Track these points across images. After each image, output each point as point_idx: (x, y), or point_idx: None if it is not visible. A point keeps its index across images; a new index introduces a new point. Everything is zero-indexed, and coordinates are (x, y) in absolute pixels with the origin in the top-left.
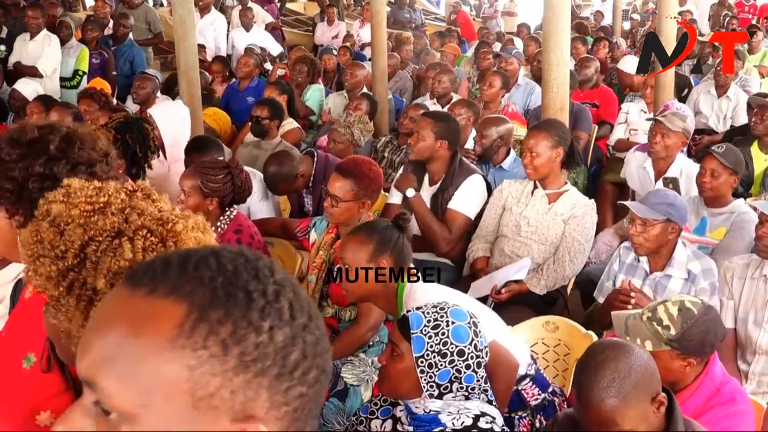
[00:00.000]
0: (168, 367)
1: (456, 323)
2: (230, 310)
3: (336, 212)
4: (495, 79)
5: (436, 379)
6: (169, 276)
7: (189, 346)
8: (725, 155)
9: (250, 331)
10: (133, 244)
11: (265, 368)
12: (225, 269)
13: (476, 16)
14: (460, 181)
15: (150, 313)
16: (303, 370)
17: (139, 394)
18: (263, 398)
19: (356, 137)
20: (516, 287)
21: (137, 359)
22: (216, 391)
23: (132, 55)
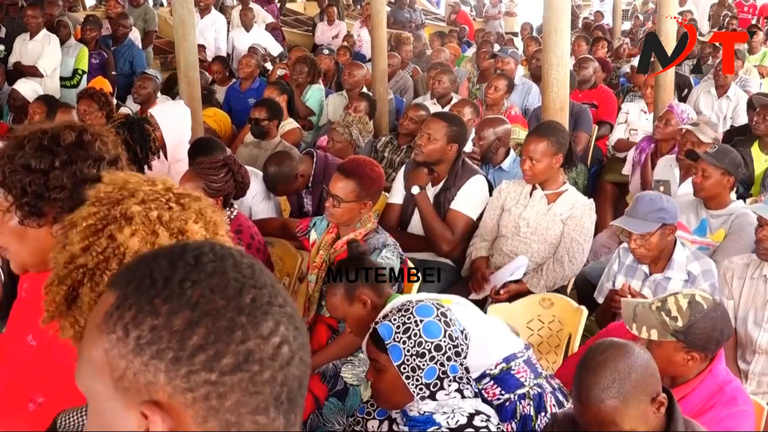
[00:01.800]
0: (94, 350)
1: (425, 320)
2: (138, 297)
3: (338, 213)
4: (500, 83)
5: (423, 380)
6: (120, 272)
7: (105, 331)
8: (715, 156)
9: (147, 315)
10: None
11: (159, 351)
12: (154, 261)
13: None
14: (462, 181)
15: (99, 303)
16: (208, 355)
17: (85, 376)
18: (161, 381)
19: (354, 137)
20: (515, 287)
21: (85, 343)
22: (123, 373)
23: (132, 55)
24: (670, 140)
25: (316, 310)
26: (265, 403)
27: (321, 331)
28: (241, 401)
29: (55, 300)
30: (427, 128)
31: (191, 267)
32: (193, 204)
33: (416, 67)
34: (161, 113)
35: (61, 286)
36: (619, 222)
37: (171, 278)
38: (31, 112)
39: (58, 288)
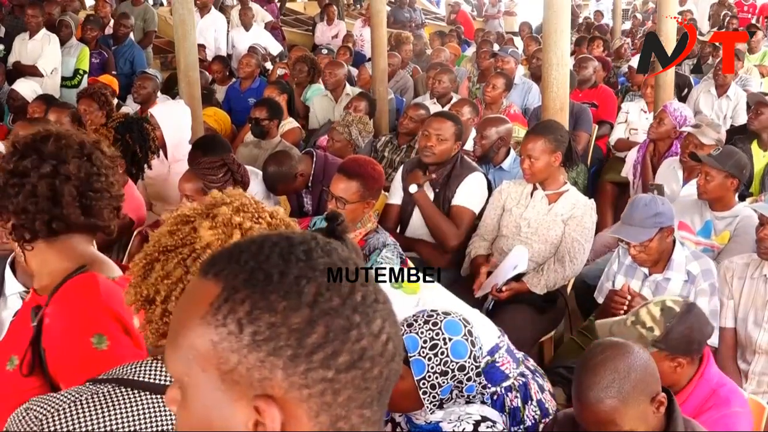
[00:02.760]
0: (199, 341)
1: (453, 339)
2: (251, 292)
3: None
4: (498, 81)
5: (439, 396)
6: (220, 261)
7: (213, 323)
8: (718, 159)
9: (264, 311)
10: None
11: (277, 348)
12: (261, 253)
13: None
14: (461, 178)
15: (196, 293)
16: (326, 354)
17: (182, 364)
18: (278, 377)
19: (354, 137)
20: (516, 286)
21: (180, 332)
22: (235, 367)
23: (132, 54)
24: (665, 139)
25: None
26: (371, 398)
27: None
28: (352, 397)
29: (135, 271)
30: (435, 129)
31: (304, 263)
32: (281, 226)
33: (416, 67)
34: (161, 113)
35: (143, 259)
36: (615, 233)
37: (286, 274)
38: (31, 111)
39: (141, 260)
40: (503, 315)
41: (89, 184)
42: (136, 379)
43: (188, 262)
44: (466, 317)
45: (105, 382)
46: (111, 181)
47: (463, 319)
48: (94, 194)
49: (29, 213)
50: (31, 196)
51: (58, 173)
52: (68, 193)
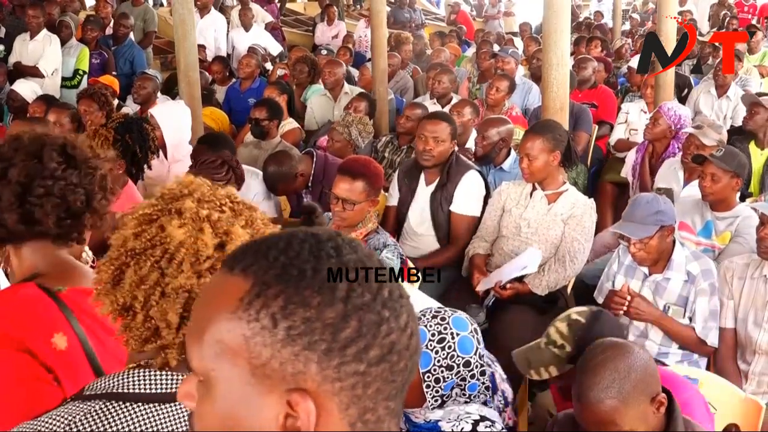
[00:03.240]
0: (229, 336)
1: (461, 334)
2: (284, 287)
3: (350, 216)
4: (501, 84)
5: (441, 391)
6: (246, 256)
7: (245, 318)
8: (724, 159)
9: (299, 306)
10: None
11: (312, 342)
12: (291, 249)
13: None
14: (458, 178)
15: (223, 287)
16: (358, 348)
17: (209, 359)
18: (312, 371)
19: (353, 137)
20: (519, 286)
21: (207, 326)
22: (267, 361)
23: (132, 55)
24: (662, 140)
25: None
26: (396, 390)
27: None
28: (380, 389)
29: (103, 279)
30: (431, 132)
31: (335, 259)
32: (246, 211)
33: (416, 67)
34: (161, 113)
35: (110, 266)
36: (617, 228)
37: (319, 270)
38: (31, 111)
39: (107, 267)
40: (503, 315)
41: (31, 188)
42: (126, 391)
43: (162, 264)
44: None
45: (93, 398)
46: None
47: (468, 318)
48: (36, 199)
49: None
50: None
51: (4, 176)
52: (6, 198)
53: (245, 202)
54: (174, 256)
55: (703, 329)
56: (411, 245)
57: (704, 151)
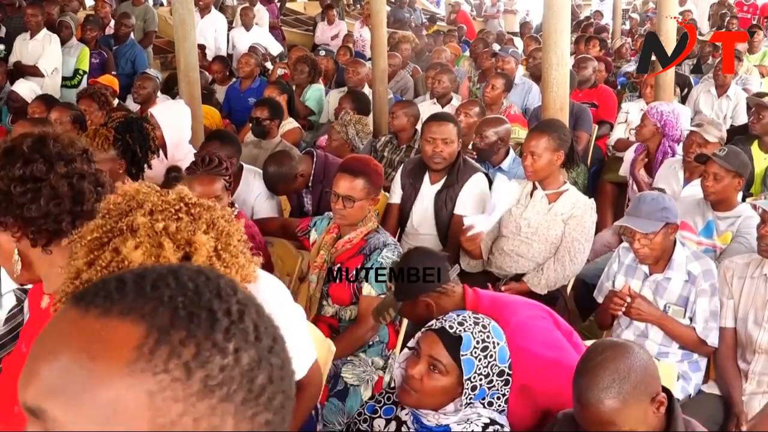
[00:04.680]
0: (127, 394)
1: (500, 344)
2: (193, 331)
3: (351, 213)
4: (497, 82)
5: (472, 399)
6: (125, 296)
7: (149, 370)
8: (727, 159)
9: (215, 352)
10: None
11: (231, 393)
12: (185, 288)
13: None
14: (465, 179)
15: (104, 335)
16: (269, 395)
17: (95, 423)
18: (228, 425)
19: (351, 136)
20: (516, 286)
21: (93, 385)
22: (178, 419)
23: (134, 54)
24: (652, 139)
25: (317, 310)
26: None
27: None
28: None
29: None
30: (440, 134)
31: (235, 297)
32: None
33: (416, 67)
34: (162, 113)
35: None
36: (624, 221)
37: (229, 311)
38: (31, 112)
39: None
40: None
41: (98, 180)
42: None
43: None
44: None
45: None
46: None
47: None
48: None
49: (52, 215)
50: (53, 198)
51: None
52: (88, 190)
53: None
54: None
55: (704, 329)
56: (412, 244)
57: (706, 148)
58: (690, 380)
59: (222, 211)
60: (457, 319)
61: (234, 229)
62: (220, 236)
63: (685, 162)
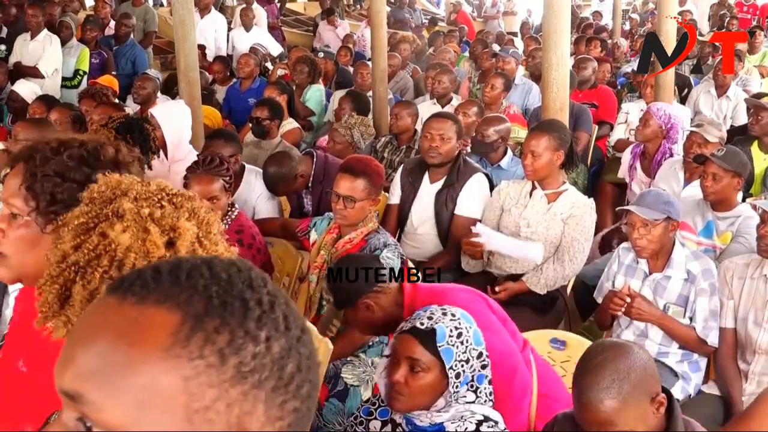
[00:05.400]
0: (163, 378)
1: (472, 327)
2: (227, 319)
3: (352, 214)
4: (496, 81)
5: (460, 386)
6: (160, 285)
7: (185, 356)
8: (725, 159)
9: (248, 340)
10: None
11: (262, 380)
12: (219, 278)
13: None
14: (465, 179)
15: (141, 322)
16: (298, 383)
17: (131, 407)
18: (259, 412)
19: (356, 139)
20: (515, 286)
21: (130, 370)
22: (212, 404)
23: (134, 54)
24: (654, 140)
25: (317, 310)
26: (309, 423)
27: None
28: (305, 425)
29: (48, 299)
30: (438, 130)
31: (266, 288)
32: (186, 203)
33: (416, 67)
34: (162, 113)
35: (53, 285)
36: (626, 208)
37: (261, 301)
38: (31, 112)
39: (51, 287)
40: None
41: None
42: None
43: (113, 272)
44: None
45: None
46: None
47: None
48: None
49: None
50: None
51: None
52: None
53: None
54: (123, 263)
55: (704, 329)
56: (412, 245)
57: (706, 148)
58: (690, 380)
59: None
60: (425, 314)
61: (213, 219)
62: (201, 224)
63: (686, 162)
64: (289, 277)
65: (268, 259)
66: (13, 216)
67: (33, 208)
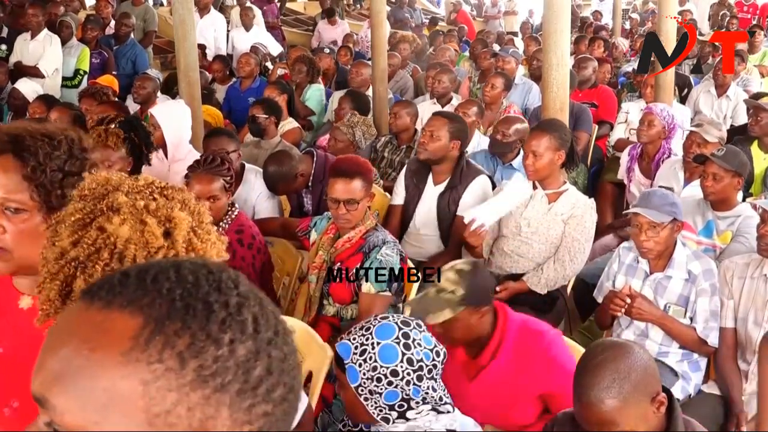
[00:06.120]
0: (122, 382)
1: (381, 343)
2: (188, 322)
3: (355, 216)
4: (497, 81)
5: (383, 402)
6: (126, 289)
7: (144, 360)
8: (725, 158)
9: (209, 343)
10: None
11: (225, 383)
12: (185, 280)
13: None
14: (468, 181)
15: (104, 326)
16: (268, 386)
17: (92, 411)
18: (224, 416)
19: (357, 138)
20: (515, 286)
21: (90, 374)
22: (172, 408)
23: (134, 54)
24: (656, 141)
25: (317, 309)
26: (287, 427)
27: (323, 331)
28: (283, 427)
29: (50, 297)
30: (430, 126)
31: (236, 290)
32: (176, 195)
33: (416, 67)
34: (162, 113)
35: (54, 282)
36: (634, 209)
37: (227, 303)
38: (31, 112)
39: (51, 284)
40: None
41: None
42: None
43: (114, 265)
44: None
45: None
46: None
47: (401, 321)
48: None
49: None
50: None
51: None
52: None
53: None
54: (124, 255)
55: (704, 329)
56: (413, 244)
57: (706, 148)
58: (690, 380)
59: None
60: (351, 329)
61: (203, 210)
62: (193, 215)
63: (686, 162)
64: (289, 276)
65: (268, 259)
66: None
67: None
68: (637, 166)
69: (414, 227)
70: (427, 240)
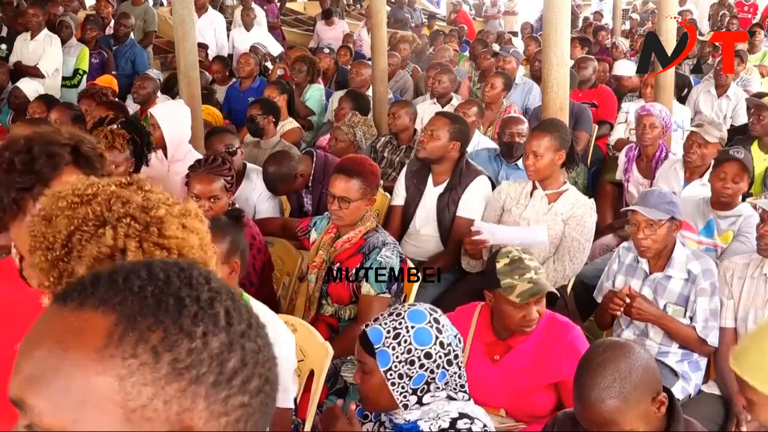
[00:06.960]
0: (98, 380)
1: (416, 326)
2: (161, 317)
3: (347, 214)
4: (497, 81)
5: (409, 386)
6: (98, 289)
7: (118, 356)
8: (747, 159)
9: (182, 337)
10: (115, 231)
11: (200, 375)
12: (156, 278)
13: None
14: (468, 181)
15: (77, 326)
16: (243, 378)
17: (69, 409)
18: (200, 407)
19: (358, 138)
20: None
21: (65, 373)
22: (149, 402)
23: (134, 54)
24: (656, 142)
25: (316, 309)
26: (266, 420)
27: (321, 331)
28: (258, 422)
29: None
30: (431, 125)
31: (208, 286)
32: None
33: (416, 67)
34: (162, 113)
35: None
36: (634, 206)
37: (198, 298)
38: (31, 112)
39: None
40: None
41: None
42: None
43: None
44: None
45: None
46: None
47: (430, 308)
48: None
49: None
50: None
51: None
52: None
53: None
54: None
55: (704, 329)
56: (413, 244)
57: (707, 148)
58: (690, 380)
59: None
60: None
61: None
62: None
63: (685, 162)
64: (289, 276)
65: (268, 259)
66: None
67: None
68: (635, 166)
69: (414, 227)
70: (426, 240)
